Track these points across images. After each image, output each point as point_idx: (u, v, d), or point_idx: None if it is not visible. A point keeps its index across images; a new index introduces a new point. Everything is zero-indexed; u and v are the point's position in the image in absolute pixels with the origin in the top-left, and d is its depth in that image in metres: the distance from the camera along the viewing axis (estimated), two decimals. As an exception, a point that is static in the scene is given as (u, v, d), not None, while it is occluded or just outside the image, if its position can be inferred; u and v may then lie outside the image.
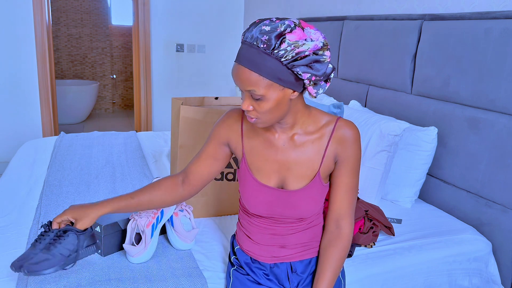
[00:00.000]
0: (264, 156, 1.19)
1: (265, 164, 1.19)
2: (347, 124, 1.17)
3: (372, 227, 1.61)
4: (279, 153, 1.18)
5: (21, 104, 3.75)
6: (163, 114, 4.40)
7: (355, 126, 1.17)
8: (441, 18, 2.00)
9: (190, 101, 1.91)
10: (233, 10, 4.42)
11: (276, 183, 1.19)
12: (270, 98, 1.04)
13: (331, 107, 2.00)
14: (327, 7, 3.06)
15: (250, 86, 1.02)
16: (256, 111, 1.06)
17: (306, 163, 1.17)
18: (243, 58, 1.02)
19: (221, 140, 1.25)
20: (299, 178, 1.17)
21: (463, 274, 1.65)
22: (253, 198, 1.21)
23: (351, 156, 1.17)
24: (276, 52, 0.99)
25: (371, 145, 1.95)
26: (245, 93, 1.06)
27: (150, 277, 1.29)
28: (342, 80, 2.76)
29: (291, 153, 1.17)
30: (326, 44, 1.04)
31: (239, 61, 1.03)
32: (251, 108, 1.06)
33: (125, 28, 6.25)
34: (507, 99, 1.67)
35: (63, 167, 2.20)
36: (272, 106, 1.05)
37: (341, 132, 1.16)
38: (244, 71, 1.02)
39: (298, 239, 1.23)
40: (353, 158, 1.18)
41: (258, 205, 1.21)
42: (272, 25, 1.00)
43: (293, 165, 1.17)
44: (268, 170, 1.19)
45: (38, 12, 3.61)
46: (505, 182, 1.69)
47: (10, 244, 1.47)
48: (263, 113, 1.06)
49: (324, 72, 1.04)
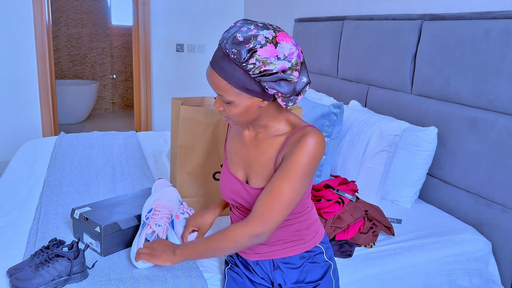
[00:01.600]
0: (235, 149, 1.26)
1: (235, 156, 1.26)
2: (310, 130, 1.09)
3: (372, 227, 1.61)
4: (244, 149, 1.23)
5: (21, 104, 3.75)
6: (163, 114, 4.40)
7: (318, 136, 1.08)
8: (441, 18, 2.00)
9: (190, 101, 1.91)
10: (233, 10, 4.42)
11: (242, 176, 1.24)
12: (239, 105, 1.08)
13: (331, 107, 2.00)
14: (327, 7, 3.06)
15: (219, 91, 1.08)
16: (227, 112, 1.12)
17: (263, 162, 1.18)
18: (215, 63, 1.06)
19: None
20: (259, 176, 1.19)
21: (463, 274, 1.65)
22: (223, 184, 1.28)
23: (290, 158, 1.08)
24: (245, 66, 1.01)
25: (371, 145, 1.95)
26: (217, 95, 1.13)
27: (151, 277, 1.30)
28: (342, 80, 2.76)
29: (253, 150, 1.21)
30: (296, 64, 1.03)
31: (211, 65, 1.07)
32: (222, 109, 1.12)
33: (125, 28, 6.25)
34: (507, 99, 1.67)
35: (63, 167, 2.20)
36: (240, 111, 1.09)
37: (298, 135, 1.10)
38: (215, 76, 1.06)
39: (278, 235, 1.23)
40: (291, 161, 1.08)
41: (228, 193, 1.26)
42: (247, 35, 1.01)
43: (253, 163, 1.20)
44: (237, 162, 1.25)
45: (38, 12, 3.61)
46: (505, 182, 1.69)
47: (10, 244, 1.47)
48: (234, 115, 1.11)
49: (292, 90, 1.05)
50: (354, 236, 1.58)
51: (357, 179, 1.97)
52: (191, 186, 1.75)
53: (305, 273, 1.25)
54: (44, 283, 1.20)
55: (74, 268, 1.24)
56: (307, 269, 1.25)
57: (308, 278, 1.24)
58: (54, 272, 1.22)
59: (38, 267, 1.23)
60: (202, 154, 1.74)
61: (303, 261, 1.25)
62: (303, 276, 1.24)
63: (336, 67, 2.82)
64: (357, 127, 2.06)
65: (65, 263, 1.23)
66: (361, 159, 1.97)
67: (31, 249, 1.41)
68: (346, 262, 1.49)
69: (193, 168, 1.74)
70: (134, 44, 4.30)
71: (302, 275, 1.25)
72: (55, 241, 1.33)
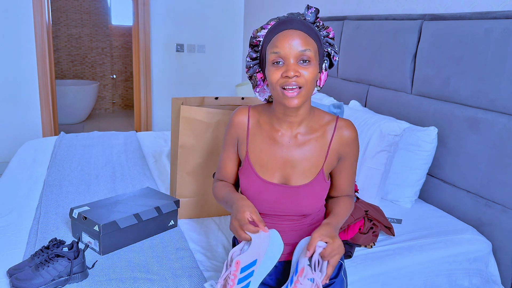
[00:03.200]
0: (269, 153, 1.22)
1: (269, 161, 1.21)
2: (346, 124, 1.23)
3: (372, 227, 1.61)
4: (284, 150, 1.21)
5: (21, 104, 3.75)
6: (163, 114, 4.40)
7: (353, 126, 1.24)
8: (441, 18, 2.00)
9: (190, 101, 1.91)
10: (233, 10, 4.42)
11: (279, 179, 1.22)
12: (314, 65, 1.11)
13: (331, 107, 2.00)
14: (327, 7, 3.06)
15: (306, 45, 1.09)
16: (303, 77, 1.09)
17: (311, 160, 1.20)
18: (297, 24, 1.11)
19: (234, 142, 1.29)
20: (303, 174, 1.20)
21: (463, 274, 1.64)
22: (256, 195, 1.22)
23: (352, 154, 1.25)
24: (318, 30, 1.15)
25: (371, 145, 1.95)
26: (292, 60, 1.09)
27: (151, 277, 1.30)
28: (342, 80, 2.76)
29: (296, 150, 1.20)
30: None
31: (293, 27, 1.11)
32: (299, 74, 1.09)
33: (125, 28, 6.25)
34: (507, 99, 1.67)
35: (63, 167, 2.20)
36: (315, 73, 1.11)
37: (342, 132, 1.22)
38: (300, 34, 1.10)
39: (301, 236, 1.23)
40: (353, 155, 1.25)
41: (262, 203, 1.22)
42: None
43: (297, 162, 1.20)
44: (272, 167, 1.21)
45: (38, 12, 3.60)
46: (505, 182, 1.69)
47: (10, 244, 1.47)
48: (309, 80, 1.10)
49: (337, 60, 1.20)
50: (354, 236, 1.58)
51: (357, 179, 1.96)
52: (191, 186, 1.75)
53: None
54: (44, 283, 1.20)
55: (74, 268, 1.24)
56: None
57: None
58: (54, 272, 1.22)
59: (38, 267, 1.23)
60: (202, 154, 1.73)
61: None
62: None
63: (336, 67, 2.82)
64: (357, 127, 2.06)
65: (65, 263, 1.23)
66: (361, 159, 1.97)
67: (31, 249, 1.41)
68: (346, 263, 1.49)
69: (193, 168, 1.74)
70: (134, 44, 4.30)
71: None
72: (55, 241, 1.33)
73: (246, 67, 1.23)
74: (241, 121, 1.26)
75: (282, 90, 1.10)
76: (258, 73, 1.23)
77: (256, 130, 1.24)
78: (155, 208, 1.55)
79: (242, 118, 1.26)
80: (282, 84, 1.09)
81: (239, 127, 1.26)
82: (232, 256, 1.10)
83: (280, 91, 1.10)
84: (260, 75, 1.23)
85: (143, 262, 1.38)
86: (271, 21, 1.16)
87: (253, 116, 1.26)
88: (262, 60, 1.18)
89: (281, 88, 1.10)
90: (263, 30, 1.16)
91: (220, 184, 1.33)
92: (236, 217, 1.12)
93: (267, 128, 1.23)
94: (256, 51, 1.19)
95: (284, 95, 1.10)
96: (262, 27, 1.16)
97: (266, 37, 1.15)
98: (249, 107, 1.27)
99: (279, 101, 1.14)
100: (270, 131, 1.22)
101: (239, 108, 1.29)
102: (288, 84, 1.09)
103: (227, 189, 1.28)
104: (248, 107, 1.28)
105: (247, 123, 1.25)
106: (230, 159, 1.31)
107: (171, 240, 1.53)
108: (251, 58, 1.21)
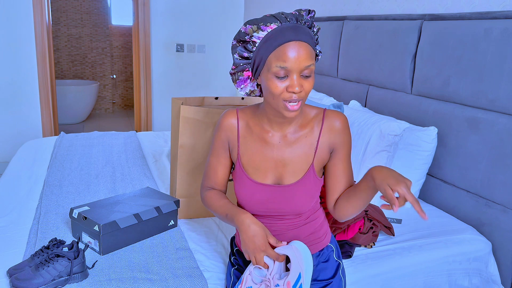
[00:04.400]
0: (260, 155, 1.20)
1: (261, 163, 1.20)
2: (334, 113, 1.20)
3: (372, 227, 1.61)
4: (275, 151, 1.20)
5: (21, 104, 3.75)
6: (163, 114, 4.40)
7: (342, 115, 1.21)
8: (441, 18, 2.00)
9: (190, 101, 1.91)
10: (233, 10, 4.42)
11: (272, 180, 1.21)
12: (313, 75, 1.09)
13: (331, 107, 2.00)
14: (327, 7, 3.06)
15: (311, 60, 1.06)
16: (304, 91, 1.08)
17: (301, 157, 1.19)
18: (303, 35, 1.06)
19: (225, 145, 1.26)
20: (294, 173, 1.19)
21: (463, 274, 1.64)
22: (249, 197, 1.21)
23: (344, 143, 1.21)
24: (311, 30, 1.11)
25: (371, 145, 1.95)
26: (295, 76, 1.06)
27: (151, 277, 1.30)
28: (342, 80, 2.76)
29: (286, 149, 1.19)
30: None
31: (299, 38, 1.05)
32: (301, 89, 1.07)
33: (125, 28, 6.25)
34: (507, 99, 1.67)
35: (63, 167, 2.20)
36: (313, 83, 1.11)
37: (330, 122, 1.19)
38: (306, 48, 1.05)
39: (297, 235, 1.24)
40: (346, 144, 1.21)
41: (255, 204, 1.22)
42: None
43: (288, 161, 1.19)
44: (265, 168, 1.20)
45: (38, 12, 3.61)
46: (505, 182, 1.69)
47: (10, 244, 1.47)
48: (308, 91, 1.09)
49: None
50: (354, 236, 1.58)
51: (357, 179, 1.97)
52: (191, 186, 1.75)
53: (318, 272, 1.26)
54: (44, 283, 1.21)
55: (74, 268, 1.24)
56: (320, 267, 1.27)
57: (320, 277, 1.26)
58: (54, 272, 1.22)
59: (38, 267, 1.23)
60: (202, 154, 1.74)
61: (317, 260, 1.27)
62: (315, 274, 1.26)
63: (336, 67, 2.82)
64: (357, 127, 2.06)
65: (65, 263, 1.23)
66: (361, 159, 1.97)
67: (31, 249, 1.41)
68: (346, 263, 1.49)
69: (193, 168, 1.74)
70: (134, 44, 4.30)
71: (315, 274, 1.26)
72: (55, 241, 1.33)
73: (234, 64, 1.16)
74: (230, 124, 1.23)
75: (285, 102, 1.08)
76: (246, 71, 1.17)
77: (246, 132, 1.22)
78: (155, 208, 1.55)
79: (231, 121, 1.23)
80: (286, 98, 1.07)
81: (229, 130, 1.23)
82: (268, 279, 1.12)
83: (282, 104, 1.08)
84: (247, 73, 1.17)
85: (143, 262, 1.38)
86: (268, 21, 1.08)
87: (242, 118, 1.23)
88: (255, 61, 1.11)
89: (283, 101, 1.08)
90: (261, 32, 1.08)
91: (213, 195, 1.27)
92: (255, 242, 1.12)
93: (257, 130, 1.21)
94: (249, 50, 1.12)
95: (286, 108, 1.08)
96: (259, 27, 1.08)
97: (266, 42, 1.07)
98: (237, 110, 1.24)
99: (277, 110, 1.10)
100: (260, 133, 1.20)
101: (226, 111, 1.26)
102: (292, 100, 1.07)
103: (223, 202, 1.24)
104: (236, 110, 1.25)
105: (237, 126, 1.23)
106: (221, 164, 1.27)
107: (171, 240, 1.53)
108: (241, 57, 1.14)
